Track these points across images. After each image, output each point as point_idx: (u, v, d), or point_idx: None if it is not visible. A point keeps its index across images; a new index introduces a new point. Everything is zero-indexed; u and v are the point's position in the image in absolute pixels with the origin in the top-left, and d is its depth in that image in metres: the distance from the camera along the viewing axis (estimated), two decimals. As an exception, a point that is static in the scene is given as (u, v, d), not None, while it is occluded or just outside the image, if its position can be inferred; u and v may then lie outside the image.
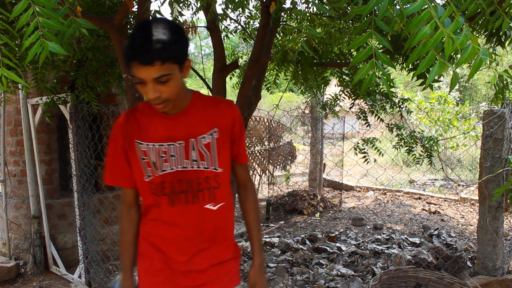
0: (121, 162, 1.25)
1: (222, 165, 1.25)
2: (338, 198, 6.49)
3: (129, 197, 1.30)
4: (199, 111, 1.25)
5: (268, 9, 2.14)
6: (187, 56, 1.13)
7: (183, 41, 1.11)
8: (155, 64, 1.03)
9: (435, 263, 3.42)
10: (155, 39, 1.04)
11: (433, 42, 0.89)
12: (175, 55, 1.07)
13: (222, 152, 1.25)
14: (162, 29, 1.06)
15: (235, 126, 1.28)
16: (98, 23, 2.04)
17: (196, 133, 1.23)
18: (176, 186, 1.23)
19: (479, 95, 16.08)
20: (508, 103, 2.96)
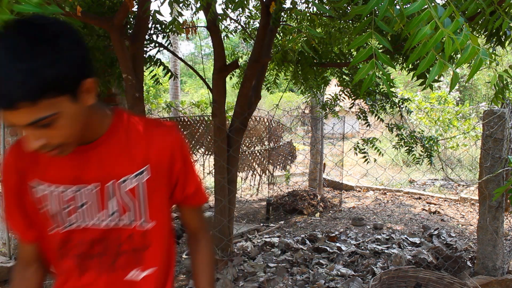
0: (13, 208, 0.89)
1: (154, 216, 0.91)
2: (338, 198, 6.49)
3: (26, 253, 0.93)
4: (122, 142, 0.87)
5: (268, 9, 2.14)
6: (86, 74, 0.72)
7: (71, 54, 0.69)
8: (20, 106, 0.64)
9: (435, 263, 3.42)
10: (11, 67, 0.63)
11: (433, 42, 0.89)
12: (57, 84, 0.67)
13: (155, 199, 0.90)
14: (28, 44, 0.64)
15: (176, 162, 0.91)
16: (98, 23, 2.04)
17: (115, 173, 0.86)
18: (86, 248, 0.89)
19: (479, 95, 16.08)
20: (508, 103, 2.96)
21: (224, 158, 2.72)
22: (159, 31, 2.92)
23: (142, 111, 2.31)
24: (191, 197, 0.97)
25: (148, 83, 13.03)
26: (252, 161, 5.40)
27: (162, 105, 8.55)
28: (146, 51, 2.80)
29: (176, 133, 0.92)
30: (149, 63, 2.90)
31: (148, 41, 2.87)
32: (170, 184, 0.93)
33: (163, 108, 6.70)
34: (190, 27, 2.97)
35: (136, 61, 2.28)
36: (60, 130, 0.72)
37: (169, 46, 3.02)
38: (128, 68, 2.19)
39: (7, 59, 0.63)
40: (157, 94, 14.95)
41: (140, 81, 2.30)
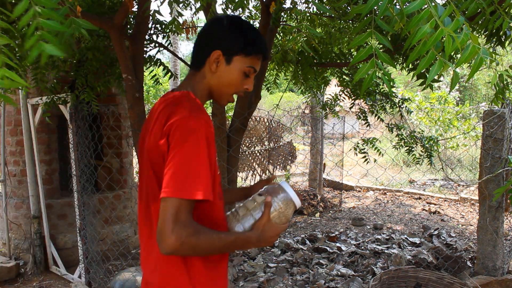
0: (207, 168, 0.98)
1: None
2: (338, 198, 6.48)
3: (189, 215, 0.97)
4: None
5: (268, 9, 2.14)
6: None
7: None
8: (267, 58, 1.14)
9: (435, 263, 3.42)
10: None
11: (433, 40, 0.89)
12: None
13: None
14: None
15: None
16: (98, 23, 2.04)
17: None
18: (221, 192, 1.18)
19: (479, 95, 16.09)
20: (508, 103, 2.96)
21: (224, 158, 2.72)
22: (159, 31, 2.92)
23: (142, 111, 2.31)
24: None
25: (148, 83, 13.03)
26: (252, 161, 5.40)
27: (162, 105, 8.53)
28: (146, 51, 2.80)
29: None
30: (149, 63, 2.90)
31: (148, 41, 2.87)
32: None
33: (163, 108, 6.69)
34: (190, 27, 2.97)
35: (136, 61, 2.28)
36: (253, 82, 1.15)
37: (169, 46, 3.02)
38: (128, 68, 2.19)
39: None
40: (157, 94, 14.95)
41: (140, 81, 2.30)
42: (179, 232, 0.91)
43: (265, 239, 1.06)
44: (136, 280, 3.16)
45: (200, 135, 0.95)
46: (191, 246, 0.93)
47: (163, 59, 26.68)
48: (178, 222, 0.91)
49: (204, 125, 0.97)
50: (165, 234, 0.91)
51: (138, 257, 3.98)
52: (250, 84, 1.12)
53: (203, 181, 0.94)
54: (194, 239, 0.92)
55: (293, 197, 1.10)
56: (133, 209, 4.29)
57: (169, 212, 0.91)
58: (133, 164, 4.60)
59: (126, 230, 4.20)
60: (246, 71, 1.09)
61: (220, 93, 1.12)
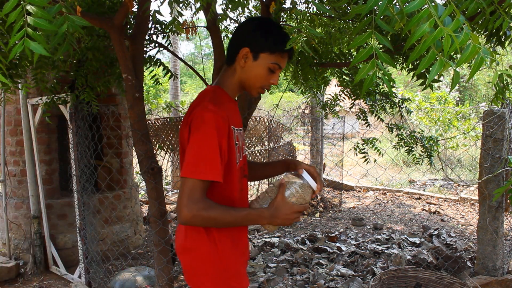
0: (217, 157, 1.14)
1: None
2: (338, 198, 6.48)
3: (204, 192, 1.14)
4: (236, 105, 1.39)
5: (268, 9, 2.14)
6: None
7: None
8: (291, 57, 1.28)
9: (435, 263, 3.42)
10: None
11: (432, 39, 0.89)
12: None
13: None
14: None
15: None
16: (98, 23, 2.03)
17: (241, 121, 1.38)
18: (245, 169, 1.33)
19: (479, 95, 16.09)
20: (508, 103, 2.96)
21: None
22: (159, 31, 2.91)
23: (142, 111, 2.31)
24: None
25: (148, 83, 13.02)
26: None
27: (162, 105, 8.54)
28: (146, 51, 2.80)
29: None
30: (149, 63, 2.90)
31: (148, 41, 2.86)
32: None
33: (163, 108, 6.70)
34: (190, 27, 2.97)
35: (136, 61, 2.28)
36: (278, 78, 1.29)
37: (169, 46, 3.01)
38: (128, 68, 2.19)
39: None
40: (157, 94, 14.94)
41: (140, 81, 2.30)
42: (191, 207, 1.09)
43: (278, 215, 1.18)
44: (136, 280, 3.16)
45: (211, 126, 1.11)
46: (202, 219, 1.11)
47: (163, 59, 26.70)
48: (191, 198, 1.09)
49: (216, 117, 1.13)
50: (180, 208, 1.10)
51: (138, 257, 3.98)
52: (276, 79, 1.26)
53: (213, 164, 1.11)
54: (205, 213, 1.10)
55: (311, 183, 1.23)
56: (133, 209, 4.29)
57: (184, 189, 1.10)
58: (133, 164, 4.60)
59: (126, 230, 4.19)
60: (271, 67, 1.23)
61: (249, 85, 1.27)
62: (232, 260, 1.26)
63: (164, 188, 6.94)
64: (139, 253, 4.14)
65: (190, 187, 1.09)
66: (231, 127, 1.20)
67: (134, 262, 3.83)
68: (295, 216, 1.19)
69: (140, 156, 2.32)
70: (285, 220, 1.18)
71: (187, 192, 1.09)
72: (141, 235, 4.46)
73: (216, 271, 1.23)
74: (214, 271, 1.23)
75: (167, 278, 2.39)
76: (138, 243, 4.37)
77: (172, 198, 6.84)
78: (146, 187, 2.39)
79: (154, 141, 5.34)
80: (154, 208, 2.37)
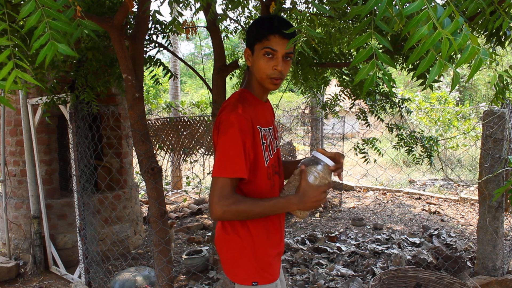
0: (241, 156, 1.22)
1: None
2: (338, 198, 6.49)
3: (232, 188, 1.23)
4: (268, 104, 1.47)
5: (268, 9, 2.14)
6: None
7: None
8: (290, 39, 1.19)
9: (435, 263, 3.42)
10: (288, 22, 1.27)
11: (431, 42, 0.89)
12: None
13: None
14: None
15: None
16: (98, 23, 2.03)
17: (272, 119, 1.46)
18: (276, 166, 1.40)
19: (479, 95, 16.09)
20: (508, 103, 2.96)
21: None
22: (159, 31, 2.92)
23: (142, 111, 2.31)
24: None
25: (148, 83, 13.02)
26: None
27: (162, 105, 8.54)
28: (146, 51, 2.80)
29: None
30: (149, 63, 2.90)
31: (148, 41, 2.87)
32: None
33: (163, 108, 6.71)
34: (190, 27, 2.97)
35: (136, 61, 2.28)
36: (288, 67, 1.30)
37: (169, 46, 3.02)
38: (128, 68, 2.19)
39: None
40: (157, 94, 14.95)
41: (140, 81, 2.30)
42: (221, 203, 1.18)
43: (306, 200, 1.24)
44: (136, 280, 3.16)
45: (235, 127, 1.19)
46: (233, 213, 1.20)
47: (163, 59, 26.69)
48: (220, 195, 1.18)
49: (239, 118, 1.21)
50: (211, 205, 1.19)
51: (138, 257, 3.98)
52: (277, 63, 1.26)
53: (238, 163, 1.20)
54: (234, 207, 1.19)
55: (327, 161, 1.29)
56: (133, 209, 4.29)
57: (214, 188, 1.20)
58: (133, 164, 4.60)
59: (126, 230, 4.20)
60: (265, 52, 1.26)
61: (260, 79, 1.32)
62: (264, 252, 1.33)
63: (164, 188, 6.94)
64: (139, 253, 4.14)
65: (219, 185, 1.19)
66: (257, 127, 1.28)
67: (134, 262, 3.83)
68: (323, 197, 1.26)
69: (140, 156, 2.32)
70: (314, 203, 1.25)
71: (217, 190, 1.19)
72: (141, 235, 4.46)
73: (249, 262, 1.32)
74: (247, 262, 1.32)
75: (167, 278, 2.39)
76: (138, 243, 4.37)
77: (172, 198, 6.84)
78: (146, 187, 2.39)
79: (154, 141, 5.34)
80: (154, 208, 2.38)
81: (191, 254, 3.59)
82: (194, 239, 4.52)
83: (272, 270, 1.36)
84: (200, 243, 4.49)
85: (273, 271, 1.36)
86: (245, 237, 1.31)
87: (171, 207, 5.98)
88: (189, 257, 3.52)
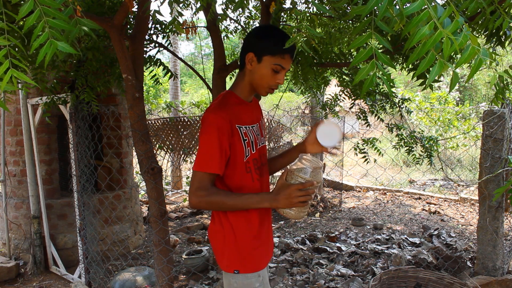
0: (217, 154, 1.33)
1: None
2: (338, 198, 6.48)
3: (210, 182, 1.35)
4: (254, 103, 1.57)
5: (268, 9, 2.14)
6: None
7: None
8: (292, 58, 1.39)
9: (435, 263, 3.42)
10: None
11: (432, 42, 0.89)
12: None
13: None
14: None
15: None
16: (98, 23, 2.03)
17: (258, 117, 1.56)
18: (259, 161, 1.49)
19: (479, 95, 16.09)
20: (508, 103, 2.96)
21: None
22: (159, 31, 2.92)
23: (142, 111, 2.31)
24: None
25: (148, 83, 13.02)
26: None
27: (162, 105, 8.54)
28: (146, 51, 2.80)
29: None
30: (149, 63, 2.90)
31: (148, 41, 2.86)
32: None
33: (163, 108, 6.70)
34: (190, 27, 2.97)
35: (136, 61, 2.28)
36: (284, 77, 1.42)
37: (169, 46, 3.02)
38: (128, 68, 2.19)
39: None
40: (157, 94, 14.94)
41: (140, 81, 2.30)
42: (197, 193, 1.32)
43: (278, 197, 1.31)
44: (136, 280, 3.16)
45: (213, 127, 1.31)
46: (206, 203, 1.33)
47: (163, 59, 26.69)
48: (198, 187, 1.32)
49: (217, 119, 1.32)
50: (189, 195, 1.34)
51: (138, 257, 3.98)
52: (281, 78, 1.39)
53: (213, 159, 1.32)
54: (207, 198, 1.32)
55: (305, 165, 1.34)
56: (133, 209, 4.29)
57: (193, 180, 1.33)
58: (133, 164, 4.60)
59: (126, 230, 4.20)
60: (274, 68, 1.36)
61: (257, 85, 1.41)
62: (245, 243, 1.43)
63: (164, 188, 6.94)
64: (139, 253, 4.14)
65: (197, 178, 1.32)
66: (236, 126, 1.37)
67: (134, 262, 3.83)
68: (296, 194, 1.28)
69: (140, 156, 2.32)
70: (287, 199, 1.29)
71: (195, 182, 1.33)
72: (141, 235, 4.46)
73: (231, 251, 1.43)
74: (229, 251, 1.43)
75: (167, 278, 2.39)
76: (138, 243, 4.37)
77: (172, 198, 6.84)
78: (146, 187, 2.39)
79: (154, 141, 5.34)
80: (154, 208, 2.38)
81: (191, 254, 3.59)
82: (194, 239, 4.52)
83: (253, 261, 1.45)
84: (200, 243, 4.49)
85: (255, 261, 1.45)
86: (227, 228, 1.42)
87: (171, 207, 5.98)
88: (189, 257, 3.52)
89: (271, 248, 1.61)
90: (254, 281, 1.44)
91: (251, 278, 1.43)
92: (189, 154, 5.50)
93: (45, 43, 0.97)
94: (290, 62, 1.39)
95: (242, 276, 1.43)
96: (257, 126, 1.52)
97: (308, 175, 1.32)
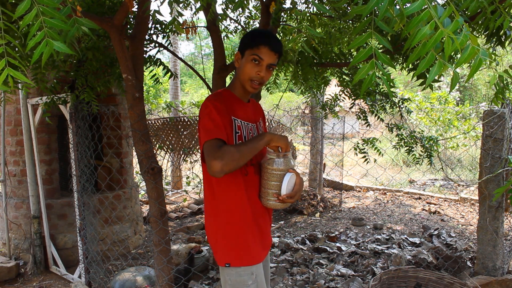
0: (224, 125, 1.41)
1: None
2: (338, 198, 6.48)
3: (220, 144, 1.40)
4: (252, 105, 1.64)
5: (268, 9, 2.14)
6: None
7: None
8: (277, 54, 1.47)
9: (435, 263, 3.42)
10: (278, 40, 1.50)
11: (433, 42, 0.89)
12: (280, 58, 1.52)
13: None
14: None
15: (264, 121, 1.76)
16: (98, 23, 2.03)
17: (256, 119, 1.62)
18: (253, 158, 1.51)
19: (479, 95, 16.08)
20: (508, 103, 2.96)
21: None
22: (159, 31, 2.91)
23: (142, 111, 2.31)
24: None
25: (148, 83, 13.01)
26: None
27: (162, 105, 8.54)
28: (146, 51, 2.80)
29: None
30: (149, 63, 2.90)
31: (148, 41, 2.86)
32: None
33: (163, 108, 6.70)
34: (190, 27, 2.97)
35: (136, 61, 2.28)
36: (269, 76, 1.51)
37: (169, 46, 3.01)
38: (128, 68, 2.19)
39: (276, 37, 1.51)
40: (157, 94, 14.93)
41: (140, 81, 2.30)
42: (217, 155, 1.32)
43: (276, 135, 1.43)
44: (136, 280, 3.16)
45: (210, 107, 1.40)
46: (230, 157, 1.32)
47: (163, 59, 26.66)
48: (213, 152, 1.34)
49: (215, 103, 1.42)
50: (210, 164, 1.31)
51: (138, 257, 3.98)
52: (261, 70, 1.46)
53: (219, 128, 1.39)
54: (226, 154, 1.33)
55: (278, 159, 1.47)
56: (133, 209, 4.29)
57: (207, 150, 1.35)
58: (133, 164, 4.60)
59: (126, 230, 4.20)
60: (252, 58, 1.45)
61: (242, 80, 1.50)
62: (237, 236, 1.47)
63: (164, 188, 6.94)
64: (139, 253, 4.14)
65: (209, 148, 1.35)
66: (231, 117, 1.45)
67: (134, 262, 3.83)
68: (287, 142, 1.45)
69: (140, 156, 2.32)
70: (279, 137, 1.43)
71: (209, 152, 1.34)
72: (141, 235, 4.46)
73: (224, 244, 1.48)
74: (222, 244, 1.48)
75: (167, 278, 2.39)
76: (138, 243, 4.37)
77: (172, 198, 6.84)
78: (146, 187, 2.39)
79: (154, 141, 5.34)
80: (154, 208, 2.38)
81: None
82: (194, 239, 4.52)
83: (245, 253, 1.48)
84: (200, 243, 4.49)
85: (246, 254, 1.48)
86: (220, 221, 1.49)
87: (171, 207, 5.98)
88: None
89: (267, 244, 1.63)
90: (247, 279, 1.45)
91: (243, 276, 1.45)
92: (189, 154, 5.50)
93: (41, 43, 0.97)
94: (271, 55, 1.46)
95: (235, 273, 1.45)
96: (254, 127, 1.58)
97: (281, 165, 1.45)
